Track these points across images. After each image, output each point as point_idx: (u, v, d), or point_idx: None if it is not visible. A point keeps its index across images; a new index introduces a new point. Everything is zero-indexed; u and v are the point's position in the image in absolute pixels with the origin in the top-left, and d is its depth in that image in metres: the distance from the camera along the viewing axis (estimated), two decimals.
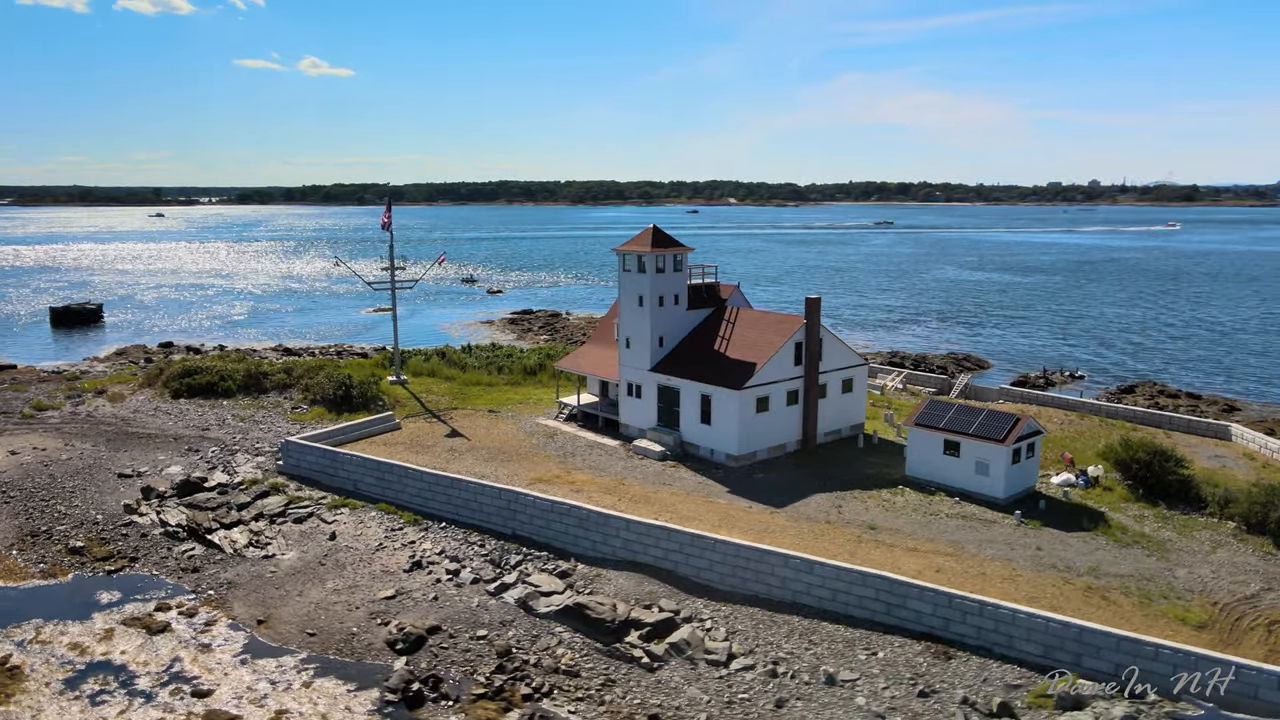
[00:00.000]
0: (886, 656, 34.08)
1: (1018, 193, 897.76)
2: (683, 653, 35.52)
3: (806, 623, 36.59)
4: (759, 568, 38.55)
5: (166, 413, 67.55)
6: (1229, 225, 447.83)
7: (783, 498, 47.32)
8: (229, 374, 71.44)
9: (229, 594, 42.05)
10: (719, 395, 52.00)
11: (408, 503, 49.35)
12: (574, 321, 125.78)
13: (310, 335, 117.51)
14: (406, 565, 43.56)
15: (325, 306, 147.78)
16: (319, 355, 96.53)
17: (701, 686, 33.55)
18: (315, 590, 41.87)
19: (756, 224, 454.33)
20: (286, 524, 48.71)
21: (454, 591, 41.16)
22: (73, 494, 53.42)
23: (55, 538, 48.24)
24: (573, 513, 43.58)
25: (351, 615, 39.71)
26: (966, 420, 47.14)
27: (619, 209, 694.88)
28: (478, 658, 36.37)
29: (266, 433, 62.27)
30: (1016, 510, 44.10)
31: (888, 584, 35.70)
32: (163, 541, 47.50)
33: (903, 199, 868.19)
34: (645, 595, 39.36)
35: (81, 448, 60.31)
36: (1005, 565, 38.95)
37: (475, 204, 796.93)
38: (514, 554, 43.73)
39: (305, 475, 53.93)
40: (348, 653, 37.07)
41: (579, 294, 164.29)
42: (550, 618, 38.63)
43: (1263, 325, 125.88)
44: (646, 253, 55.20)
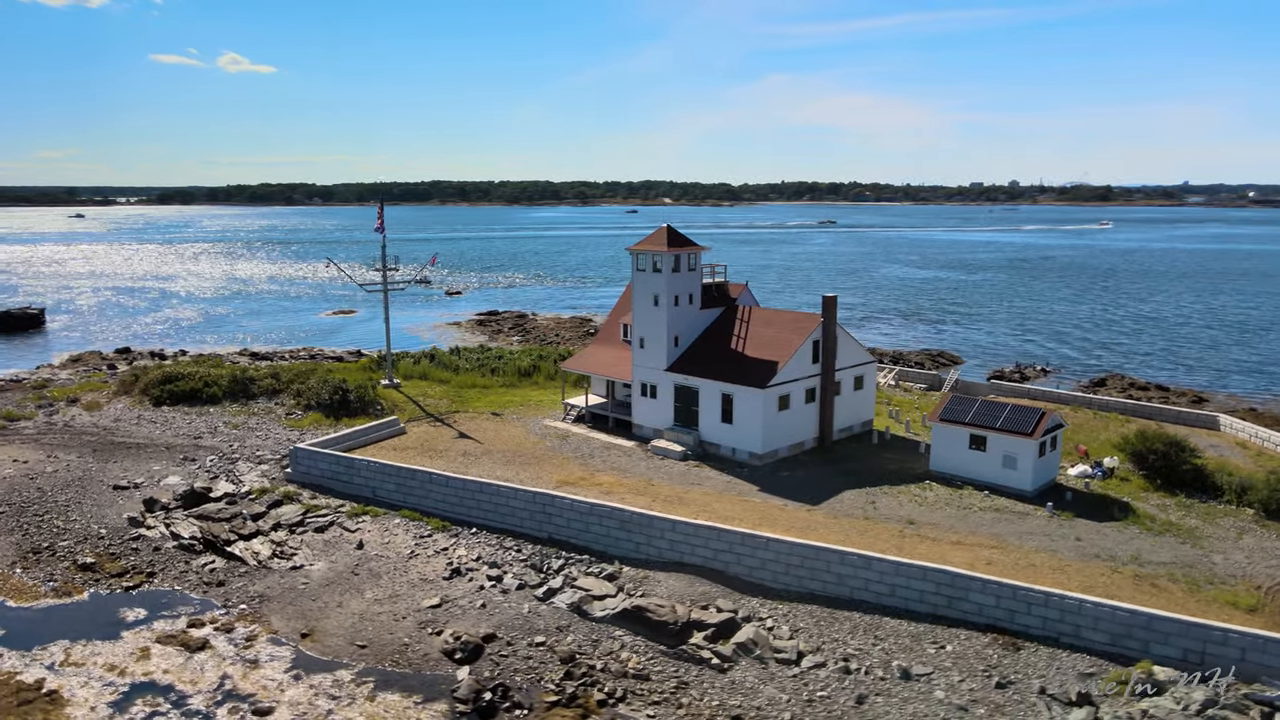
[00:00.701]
0: (956, 650, 34.51)
1: (943, 193, 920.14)
2: (750, 652, 35.44)
3: (868, 618, 36.85)
4: (814, 565, 38.68)
5: (151, 421, 64.91)
6: (1148, 224, 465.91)
7: (815, 495, 47.61)
8: (213, 380, 68.98)
9: (263, 607, 40.57)
10: (742, 394, 52.06)
11: (433, 509, 48.27)
12: (542, 322, 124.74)
13: (272, 339, 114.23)
14: (445, 573, 42.60)
15: (281, 309, 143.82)
16: (291, 360, 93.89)
17: (778, 686, 33.52)
18: (355, 601, 40.67)
19: (698, 223, 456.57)
20: (307, 533, 47.23)
21: (501, 598, 40.39)
22: (68, 508, 50.98)
23: (60, 554, 45.96)
24: (614, 515, 43.14)
25: (399, 625, 38.67)
26: (993, 415, 48.05)
27: (555, 209, 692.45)
28: (541, 664, 35.74)
29: (264, 440, 60.29)
30: (1049, 502, 45.14)
31: (949, 578, 36.15)
32: (178, 555, 45.62)
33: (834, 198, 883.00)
34: (699, 596, 39.18)
35: (66, 459, 57.58)
36: (1051, 556, 39.80)
37: (408, 204, 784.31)
38: (554, 558, 43.12)
39: (317, 483, 52.38)
40: (404, 664, 36.08)
41: (539, 295, 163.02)
42: (607, 621, 38.16)
43: (1206, 320, 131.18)
44: (663, 252, 54.99)
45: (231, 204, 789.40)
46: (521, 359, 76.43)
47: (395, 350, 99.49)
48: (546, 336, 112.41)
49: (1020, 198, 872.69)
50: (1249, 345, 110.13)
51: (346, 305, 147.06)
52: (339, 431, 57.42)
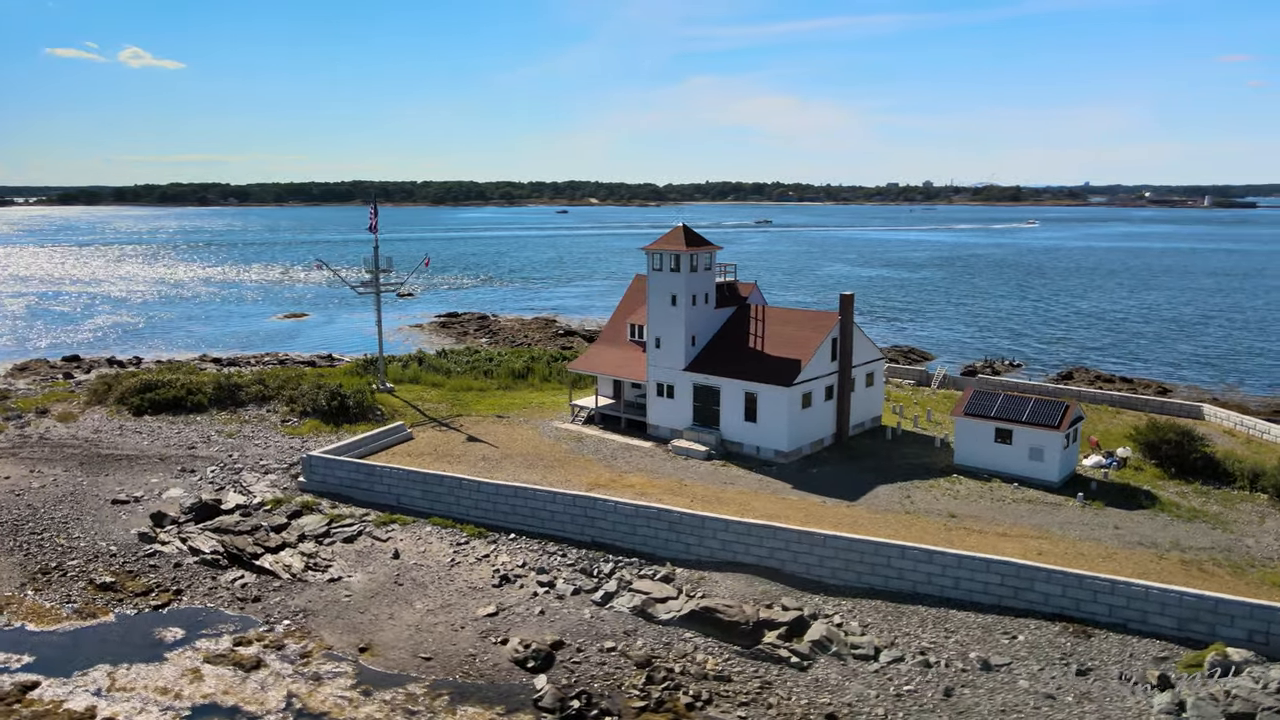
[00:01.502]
0: (1028, 639, 35.23)
1: (863, 193, 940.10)
2: (827, 649, 35.57)
3: (935, 612, 37.35)
4: (874, 560, 39.04)
5: (136, 431, 61.93)
6: (1065, 223, 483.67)
7: (849, 491, 48.08)
8: (196, 388, 66.19)
9: (309, 622, 39.07)
10: (767, 393, 52.24)
11: (464, 515, 47.19)
12: (506, 324, 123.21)
13: (228, 344, 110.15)
14: (494, 580, 41.67)
15: (227, 313, 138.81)
16: (259, 365, 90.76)
17: (862, 682, 33.71)
18: (406, 612, 39.48)
19: (633, 224, 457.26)
20: (335, 544, 45.68)
21: (558, 604, 39.69)
22: (67, 524, 48.33)
23: (71, 573, 43.52)
24: (662, 516, 42.82)
25: (460, 635, 37.68)
26: (1017, 409, 49.23)
27: (482, 210, 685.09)
28: (618, 670, 35.25)
29: (264, 448, 58.10)
30: (1079, 493, 46.45)
31: (1014, 569, 36.88)
32: (202, 571, 43.61)
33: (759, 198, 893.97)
34: (761, 595, 39.16)
35: (52, 474, 54.57)
36: (1097, 545, 40.96)
37: (329, 205, 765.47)
38: (604, 562, 42.59)
39: (334, 491, 50.71)
40: (475, 675, 35.16)
41: (491, 296, 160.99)
42: (674, 624, 37.84)
43: (1143, 316, 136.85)
44: (682, 251, 54.83)
45: (141, 204, 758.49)
46: (514, 361, 75.32)
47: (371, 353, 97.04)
48: (515, 338, 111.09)
49: (936, 198, 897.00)
50: (1193, 339, 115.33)
51: (296, 308, 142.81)
52: (344, 438, 55.86)
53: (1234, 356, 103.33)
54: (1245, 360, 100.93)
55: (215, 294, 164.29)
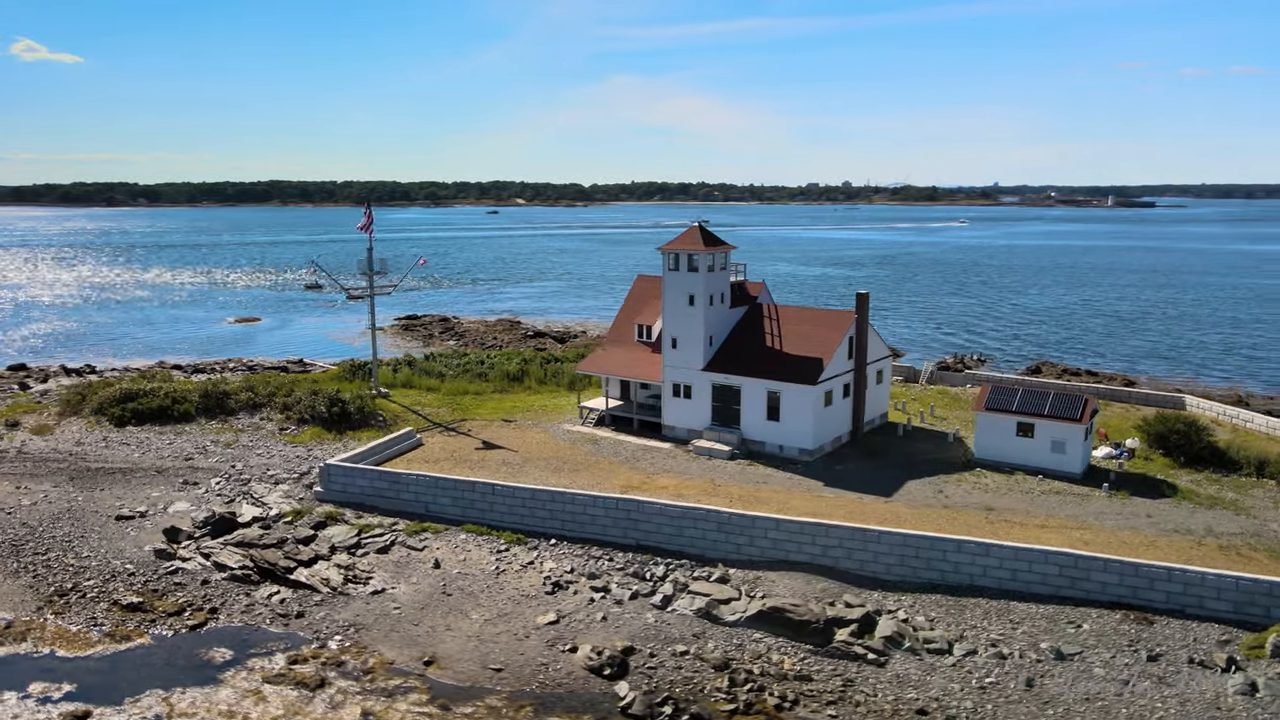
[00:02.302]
0: (1093, 628, 36.11)
1: (786, 193, 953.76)
2: (900, 645, 35.88)
3: (996, 604, 38.01)
4: (930, 555, 39.55)
5: (124, 444, 58.96)
6: (988, 222, 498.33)
7: (881, 487, 48.63)
8: (182, 396, 63.35)
9: (362, 637, 37.76)
10: (790, 391, 52.50)
11: (499, 521, 46.19)
12: (470, 326, 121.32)
13: (180, 350, 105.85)
14: (545, 588, 40.90)
15: (172, 318, 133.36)
16: (224, 372, 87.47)
17: (943, 676, 34.09)
18: (463, 623, 38.46)
19: (568, 224, 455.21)
20: (368, 555, 44.24)
21: (618, 610, 39.16)
22: (71, 543, 45.78)
23: (90, 595, 41.22)
24: (710, 517, 42.64)
25: (525, 645, 36.87)
26: (1038, 402, 50.49)
27: (407, 210, 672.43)
28: (696, 673, 34.96)
29: (267, 457, 55.95)
30: (1104, 484, 47.87)
31: (1072, 559, 37.77)
32: (233, 587, 41.76)
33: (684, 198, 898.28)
34: (821, 593, 39.29)
35: (41, 490, 51.62)
36: (1135, 534, 42.26)
37: (246, 205, 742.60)
38: (654, 565, 42.19)
39: (355, 501, 49.12)
40: (551, 685, 34.46)
41: (447, 298, 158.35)
42: (742, 625, 37.70)
43: (1087, 311, 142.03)
44: (700, 251, 54.73)
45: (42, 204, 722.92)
46: (507, 363, 74.10)
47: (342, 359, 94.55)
48: (483, 340, 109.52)
49: (857, 197, 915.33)
50: (1139, 334, 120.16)
51: (245, 312, 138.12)
52: (349, 445, 54.24)
53: (1182, 349, 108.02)
54: (1194, 353, 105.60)
55: (152, 298, 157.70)
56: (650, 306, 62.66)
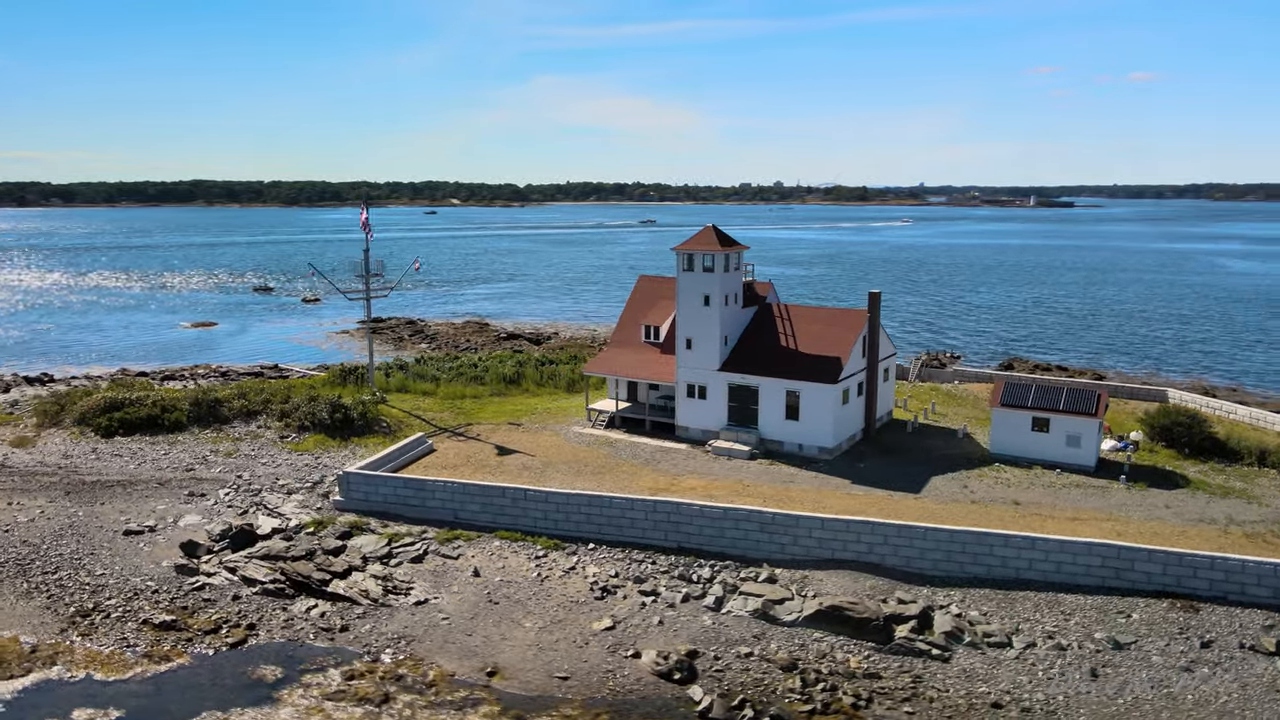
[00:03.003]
0: (1142, 617, 37.07)
1: (720, 193, 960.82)
2: (960, 640, 36.33)
3: (1044, 596, 38.76)
4: (976, 550, 40.16)
5: (116, 455, 56.49)
6: (927, 222, 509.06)
7: (907, 483, 49.23)
8: (172, 405, 60.95)
9: (415, 649, 36.82)
10: (810, 390, 52.82)
11: (533, 527, 45.47)
12: (439, 328, 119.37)
13: (141, 356, 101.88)
14: (594, 593, 40.40)
15: (124, 324, 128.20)
16: (194, 380, 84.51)
17: (1009, 669, 34.63)
18: (517, 631, 37.76)
19: (513, 225, 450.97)
20: (402, 565, 43.16)
21: (672, 613, 38.88)
22: (81, 560, 43.73)
23: (115, 614, 39.37)
24: (753, 517, 42.63)
25: (587, 652, 36.36)
26: (1053, 398, 51.69)
27: (341, 211, 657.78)
28: (765, 675, 34.89)
29: (273, 466, 54.18)
30: (1121, 476, 49.22)
31: (1115, 551, 38.73)
32: (267, 602, 40.32)
33: (619, 199, 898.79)
34: (871, 590, 39.58)
35: (36, 505, 49.20)
36: (1163, 524, 43.53)
37: (168, 205, 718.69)
38: (698, 567, 42.01)
39: (378, 509, 47.85)
40: (623, 691, 34.05)
41: (405, 300, 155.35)
42: (800, 625, 37.76)
43: (1040, 309, 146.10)
44: (717, 252, 54.70)
45: None
46: (502, 366, 73.02)
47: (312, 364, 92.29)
48: (456, 342, 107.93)
49: (790, 197, 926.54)
50: (1093, 329, 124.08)
51: (198, 316, 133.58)
52: (357, 453, 52.91)
53: (1139, 344, 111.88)
54: (1151, 347, 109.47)
55: (95, 303, 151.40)
56: (656, 307, 62.43)
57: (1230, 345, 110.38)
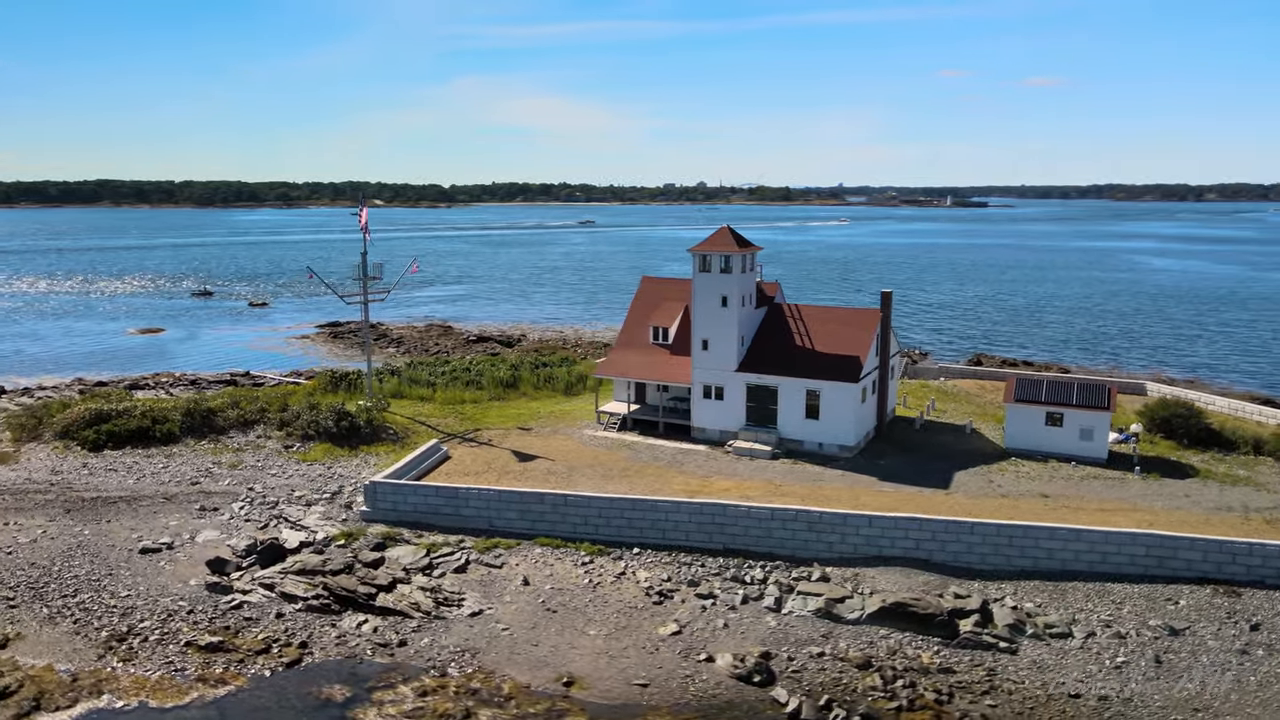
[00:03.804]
0: (1190, 603, 38.40)
1: (646, 193, 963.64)
2: (1023, 632, 37.10)
3: (1091, 586, 39.81)
4: (1023, 543, 41.06)
5: (110, 469, 53.76)
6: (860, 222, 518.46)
7: (934, 479, 50.08)
8: (163, 416, 58.29)
9: (482, 661, 35.97)
10: (831, 389, 53.32)
11: (572, 533, 44.83)
12: (402, 332, 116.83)
13: (91, 365, 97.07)
14: (652, 598, 40.03)
15: (63, 330, 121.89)
16: (159, 389, 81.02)
17: (1076, 659, 35.48)
18: (583, 640, 37.17)
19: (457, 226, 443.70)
20: (445, 576, 42.10)
21: (734, 615, 38.79)
22: (100, 582, 41.58)
23: (153, 637, 37.48)
24: (800, 517, 42.82)
25: (659, 658, 36.02)
26: (1066, 393, 53.21)
27: (259, 212, 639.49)
28: (842, 674, 35.07)
29: (284, 478, 52.27)
30: (1135, 467, 50.94)
31: (1158, 540, 40.03)
32: (314, 619, 38.89)
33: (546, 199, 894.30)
34: (924, 586, 40.12)
35: (33, 525, 46.60)
36: (1187, 513, 45.17)
37: (72, 206, 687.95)
38: (750, 568, 42.01)
39: (409, 519, 46.57)
40: (707, 696, 33.82)
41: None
42: (864, 622, 38.06)
43: (990, 305, 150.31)
44: (735, 253, 54.81)
45: None
46: (497, 370, 71.81)
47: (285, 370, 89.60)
48: (425, 346, 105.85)
49: (715, 198, 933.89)
50: (1043, 325, 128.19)
51: (142, 322, 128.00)
52: (396, 462, 51.30)
53: (1090, 339, 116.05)
54: (1103, 342, 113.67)
55: (25, 309, 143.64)
56: (663, 308, 62.24)
57: (1174, 339, 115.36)
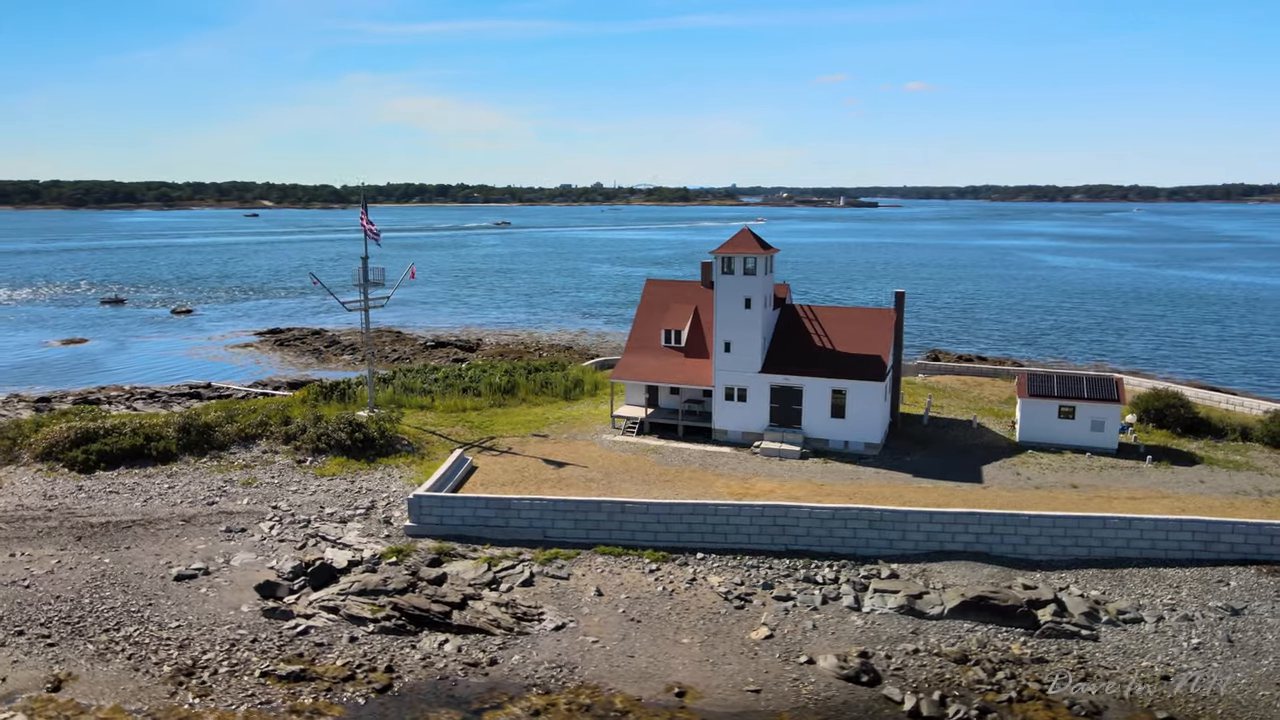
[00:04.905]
0: (1240, 583, 40.57)
1: (545, 194, 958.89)
2: (1098, 619, 38.50)
3: (1145, 572, 41.65)
4: (1077, 533, 42.64)
5: (111, 491, 50.22)
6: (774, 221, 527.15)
7: (964, 474, 51.45)
8: (157, 433, 54.78)
9: (583, 676, 35.17)
10: (858, 388, 54.17)
11: (631, 540, 44.23)
12: (351, 339, 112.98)
13: (16, 380, 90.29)
14: (732, 602, 39.89)
15: None
16: (109, 403, 76.24)
17: (1154, 643, 37.01)
18: (678, 649, 36.73)
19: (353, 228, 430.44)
20: (512, 589, 40.97)
21: (819, 616, 39.00)
22: (139, 613, 38.96)
23: (223, 669, 35.28)
24: (862, 515, 43.41)
25: (760, 662, 35.91)
26: (1076, 387, 55.47)
27: (137, 213, 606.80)
28: (942, 668, 35.68)
29: (307, 495, 49.85)
30: (1147, 456, 53.50)
31: (1204, 525, 42.19)
32: (389, 641, 37.29)
33: (444, 200, 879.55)
34: (991, 578, 41.20)
35: (48, 554, 43.29)
36: (1210, 499, 47.67)
37: None
38: (818, 568, 42.33)
39: (456, 533, 45.11)
40: (821, 696, 33.92)
41: (282, 309, 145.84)
42: (947, 617, 38.82)
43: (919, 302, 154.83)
44: (759, 254, 55.09)
45: None
46: (491, 376, 70.11)
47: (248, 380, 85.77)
48: (382, 352, 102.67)
49: (614, 198, 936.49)
50: (979, 321, 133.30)
51: (63, 333, 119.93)
52: (433, 475, 49.57)
53: (1025, 333, 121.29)
54: (1044, 336, 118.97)
55: None
56: (673, 311, 62.04)
57: (1104, 333, 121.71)
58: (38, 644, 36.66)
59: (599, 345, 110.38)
